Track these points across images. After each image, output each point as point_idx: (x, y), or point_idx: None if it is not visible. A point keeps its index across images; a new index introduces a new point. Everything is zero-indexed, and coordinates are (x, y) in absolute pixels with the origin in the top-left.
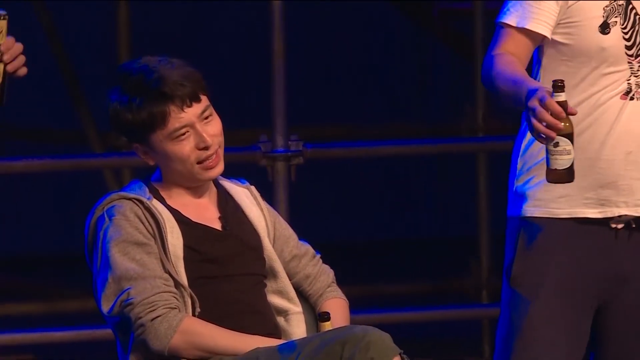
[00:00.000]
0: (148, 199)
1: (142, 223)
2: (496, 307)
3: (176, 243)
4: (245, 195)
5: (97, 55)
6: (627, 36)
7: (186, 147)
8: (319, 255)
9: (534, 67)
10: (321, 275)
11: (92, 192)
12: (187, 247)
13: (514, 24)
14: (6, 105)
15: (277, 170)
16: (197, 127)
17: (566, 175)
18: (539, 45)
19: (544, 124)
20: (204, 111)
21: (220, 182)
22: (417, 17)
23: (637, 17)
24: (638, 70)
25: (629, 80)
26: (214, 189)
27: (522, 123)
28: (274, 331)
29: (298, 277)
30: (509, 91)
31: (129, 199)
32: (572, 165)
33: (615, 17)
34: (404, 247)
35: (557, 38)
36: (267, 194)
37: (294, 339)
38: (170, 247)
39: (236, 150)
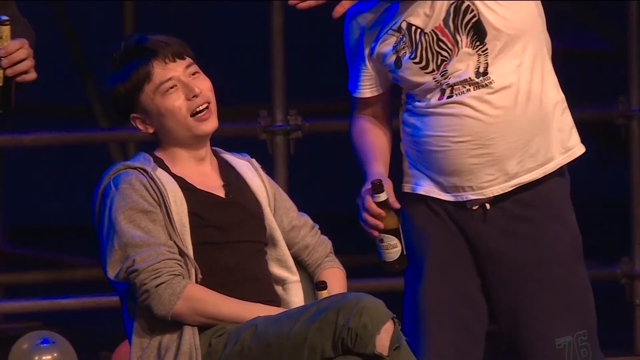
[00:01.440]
0: (152, 168)
1: (148, 191)
2: None
3: (180, 211)
4: (247, 167)
5: (104, 33)
6: (416, 60)
7: (176, 100)
8: (317, 227)
9: None
10: (319, 245)
11: (98, 165)
12: (191, 213)
13: (351, 92)
14: (15, 106)
15: (276, 144)
16: (183, 80)
17: (397, 265)
18: None
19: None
20: (188, 66)
21: (222, 155)
22: None
23: (422, 33)
24: (444, 77)
25: (440, 86)
26: (215, 160)
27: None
28: (274, 298)
29: (297, 247)
30: (361, 166)
31: (134, 168)
32: (401, 255)
33: (403, 48)
34: None
35: (389, 75)
36: (267, 167)
37: (292, 307)
38: (174, 215)
39: (237, 124)
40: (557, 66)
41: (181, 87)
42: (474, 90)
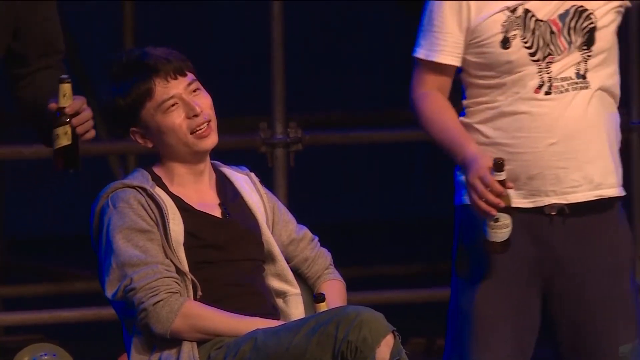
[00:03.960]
0: (150, 186)
1: (145, 210)
2: None
3: (177, 229)
4: (244, 182)
5: (103, 43)
6: (528, 44)
7: (177, 118)
8: (316, 239)
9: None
10: (319, 258)
11: (97, 177)
12: (187, 233)
13: (423, 57)
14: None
15: (276, 156)
16: (184, 98)
17: (503, 247)
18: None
19: (485, 200)
20: (190, 84)
21: (220, 168)
22: (412, 3)
23: (537, 21)
24: (547, 68)
25: (541, 76)
26: (213, 175)
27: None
28: (272, 312)
29: (296, 260)
30: (444, 145)
31: (133, 187)
32: (509, 238)
33: (514, 30)
34: (399, 229)
35: (470, 57)
36: (267, 180)
37: (292, 319)
38: (172, 233)
39: (237, 137)
40: None
41: (182, 105)
42: (573, 90)
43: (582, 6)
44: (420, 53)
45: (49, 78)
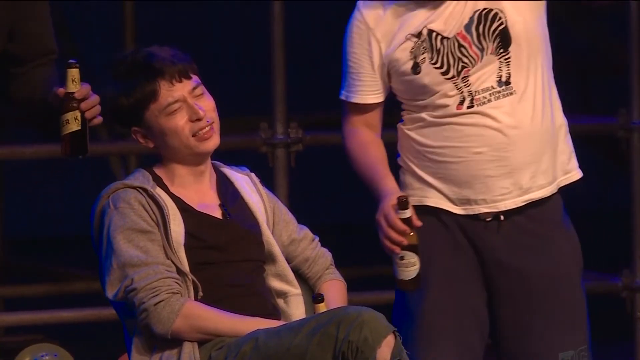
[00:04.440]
0: (151, 187)
1: (146, 211)
2: None
3: (178, 230)
4: (245, 182)
5: (104, 43)
6: (437, 65)
7: (180, 121)
8: (317, 239)
9: None
10: (319, 258)
11: (98, 177)
12: (188, 233)
13: (344, 98)
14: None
15: (277, 156)
16: (188, 101)
17: (412, 284)
18: None
19: (388, 238)
20: (194, 88)
21: (221, 168)
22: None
23: (442, 39)
24: (465, 82)
25: (461, 92)
26: (214, 175)
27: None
28: (273, 312)
29: (297, 260)
30: (366, 182)
31: (134, 187)
32: (417, 275)
33: (423, 54)
34: None
35: (395, 85)
36: (268, 180)
37: (293, 320)
38: (172, 234)
39: (237, 137)
40: (558, 78)
41: (186, 108)
42: (495, 100)
43: (486, 8)
44: (342, 94)
45: (43, 75)
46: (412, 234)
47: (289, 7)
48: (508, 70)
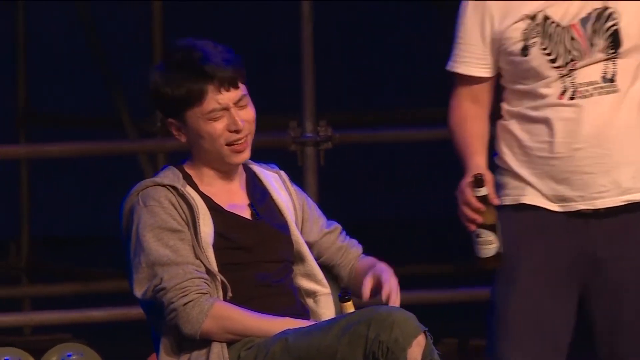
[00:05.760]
0: (181, 185)
1: (176, 210)
2: None
3: (207, 230)
4: (274, 180)
5: (131, 42)
6: (547, 51)
7: (218, 127)
8: (344, 231)
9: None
10: (352, 246)
11: (126, 175)
12: (217, 234)
13: (452, 69)
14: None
15: (306, 155)
16: (231, 111)
17: (492, 262)
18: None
19: (464, 216)
20: (240, 99)
21: (250, 166)
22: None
23: (557, 27)
24: (570, 74)
25: (564, 82)
26: (243, 173)
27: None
28: (302, 312)
29: (330, 250)
30: (460, 159)
31: (164, 185)
32: (497, 253)
33: (534, 37)
34: (430, 227)
35: (502, 65)
36: (297, 178)
37: (323, 319)
38: (201, 234)
39: (266, 135)
40: None
41: (227, 116)
42: (598, 95)
43: (604, 7)
44: (449, 64)
45: None
46: (488, 211)
47: (319, 6)
48: (614, 68)
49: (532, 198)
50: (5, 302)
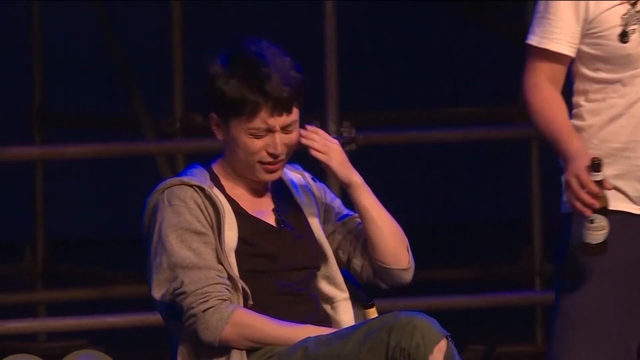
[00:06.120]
0: (209, 186)
1: (202, 212)
2: (549, 294)
3: (231, 235)
4: (297, 181)
5: (150, 42)
6: None
7: (257, 145)
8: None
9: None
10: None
11: (144, 178)
12: (241, 239)
13: (536, 44)
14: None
15: None
16: (275, 135)
17: (599, 249)
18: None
19: (580, 200)
20: (288, 125)
21: None
22: (472, 4)
23: None
24: None
25: None
26: None
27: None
28: (324, 319)
29: (357, 229)
30: (549, 140)
31: (190, 185)
32: (605, 240)
33: (634, 24)
34: (455, 232)
35: (585, 48)
36: (320, 180)
37: (342, 326)
38: (225, 238)
39: None
40: None
41: (269, 137)
42: None
43: None
44: (534, 40)
45: None
46: (603, 197)
47: (342, 6)
48: None
49: (613, 203)
50: (20, 308)
